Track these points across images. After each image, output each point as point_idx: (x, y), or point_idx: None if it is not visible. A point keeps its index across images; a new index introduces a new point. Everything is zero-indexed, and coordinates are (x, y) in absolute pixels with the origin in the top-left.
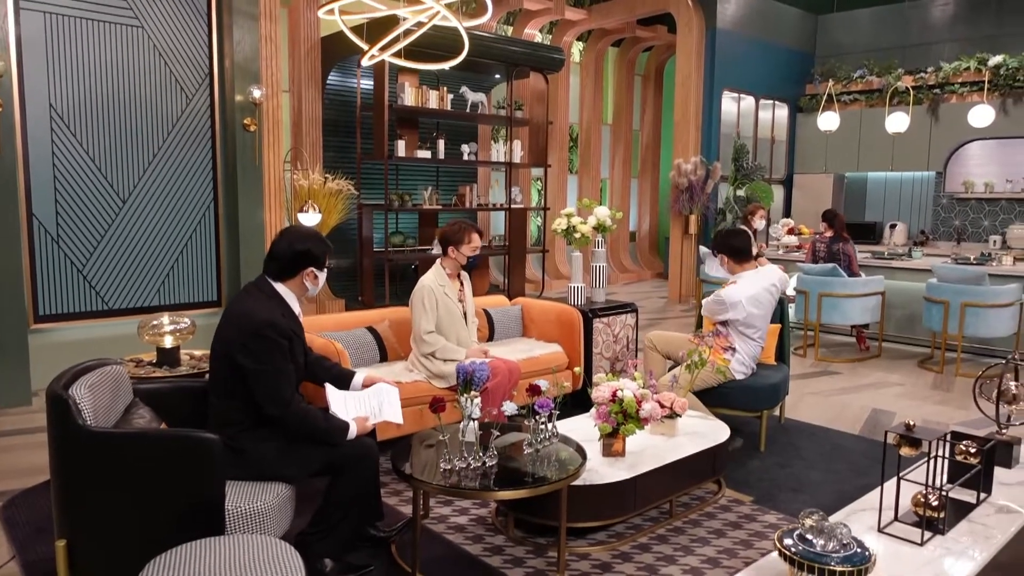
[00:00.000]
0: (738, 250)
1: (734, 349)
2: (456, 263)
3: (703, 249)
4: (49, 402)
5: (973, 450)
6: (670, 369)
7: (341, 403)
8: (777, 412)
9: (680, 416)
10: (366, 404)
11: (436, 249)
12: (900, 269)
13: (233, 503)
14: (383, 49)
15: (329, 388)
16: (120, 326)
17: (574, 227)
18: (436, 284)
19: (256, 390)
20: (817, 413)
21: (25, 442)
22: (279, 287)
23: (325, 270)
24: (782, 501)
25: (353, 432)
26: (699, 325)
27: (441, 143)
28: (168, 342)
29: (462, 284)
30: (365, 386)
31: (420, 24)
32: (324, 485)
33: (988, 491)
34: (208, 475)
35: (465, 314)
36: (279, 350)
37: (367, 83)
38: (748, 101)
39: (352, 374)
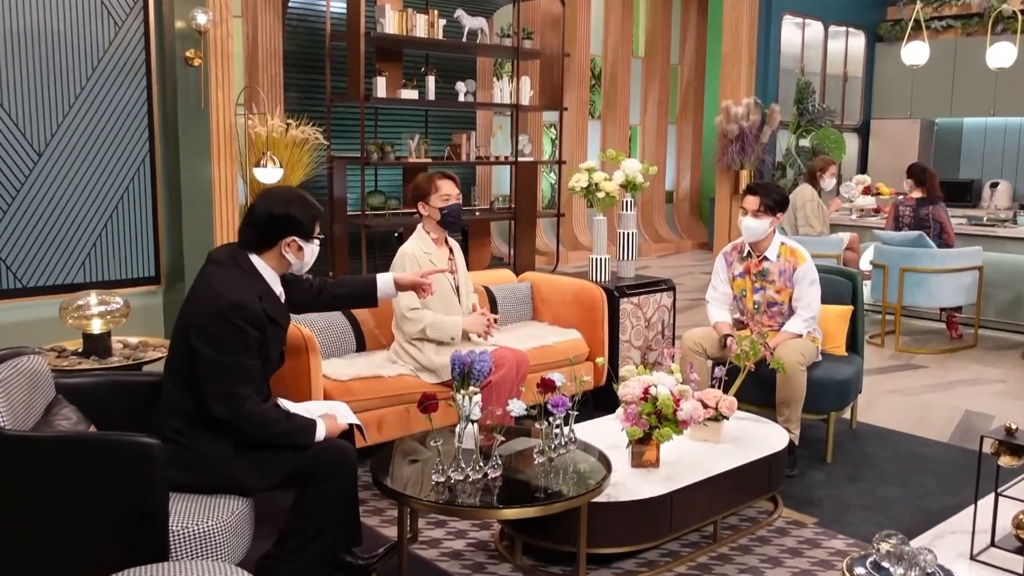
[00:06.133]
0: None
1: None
2: (433, 221)
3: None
4: None
5: None
6: (712, 371)
7: (299, 410)
8: (848, 414)
9: (727, 418)
10: (328, 411)
11: None
12: (1003, 239)
13: (179, 522)
14: None
15: (281, 402)
16: (37, 308)
17: (596, 185)
18: (420, 251)
19: (205, 382)
20: (897, 416)
21: None
22: (257, 261)
23: (315, 241)
24: (852, 523)
25: (322, 432)
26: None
27: (431, 81)
28: (96, 327)
29: (451, 252)
30: (399, 288)
31: None
32: (290, 500)
33: None
34: (148, 488)
35: (457, 288)
36: (242, 340)
37: (339, 6)
38: (815, 28)
39: (373, 281)
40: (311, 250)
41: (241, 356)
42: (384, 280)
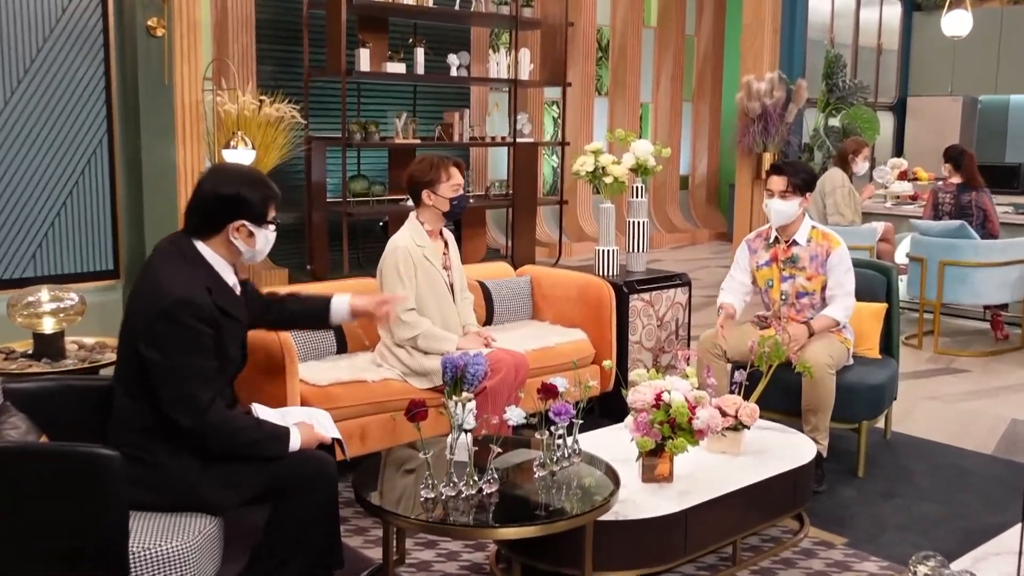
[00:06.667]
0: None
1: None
2: (436, 213)
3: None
4: None
5: None
6: (732, 376)
7: (272, 418)
8: (881, 424)
9: (748, 427)
10: (306, 420)
11: (411, 201)
12: None
13: (140, 542)
14: None
15: (256, 407)
16: None
17: (603, 169)
18: (413, 245)
19: (159, 390)
20: (936, 425)
21: None
22: (203, 248)
23: (269, 226)
24: (886, 543)
25: (296, 442)
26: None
27: (420, 53)
28: (48, 326)
29: (446, 246)
30: (354, 315)
31: None
32: (264, 517)
33: None
34: (105, 505)
35: (452, 287)
36: (195, 339)
37: None
38: None
39: (327, 302)
40: (264, 236)
41: (195, 357)
42: (340, 301)
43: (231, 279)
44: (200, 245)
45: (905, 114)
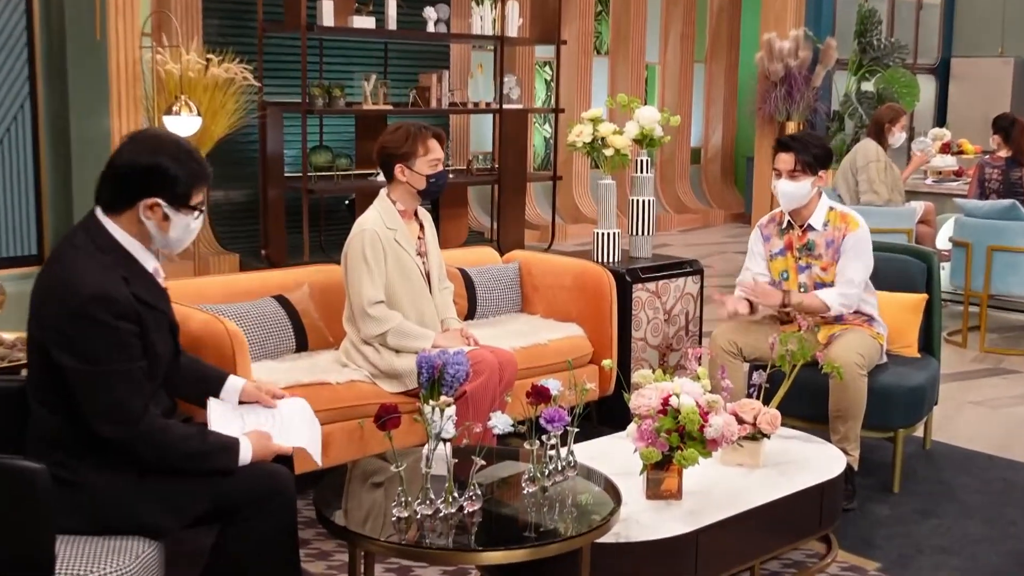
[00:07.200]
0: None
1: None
2: (411, 191)
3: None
4: None
5: None
6: (749, 377)
7: (229, 420)
8: (920, 432)
9: (768, 436)
10: (267, 424)
11: (382, 175)
12: None
13: (67, 567)
14: None
15: (212, 402)
16: None
17: (603, 140)
18: (383, 227)
19: (83, 400)
20: (982, 434)
21: None
22: (114, 229)
23: (193, 212)
24: (924, 568)
25: (248, 454)
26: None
27: (392, 5)
28: None
29: (422, 228)
30: (243, 398)
31: None
32: (210, 540)
33: None
34: (29, 525)
35: (428, 275)
36: (116, 340)
37: None
38: None
39: (223, 376)
40: (182, 224)
41: (119, 359)
42: (233, 385)
43: (150, 264)
44: (110, 224)
45: (948, 78)
